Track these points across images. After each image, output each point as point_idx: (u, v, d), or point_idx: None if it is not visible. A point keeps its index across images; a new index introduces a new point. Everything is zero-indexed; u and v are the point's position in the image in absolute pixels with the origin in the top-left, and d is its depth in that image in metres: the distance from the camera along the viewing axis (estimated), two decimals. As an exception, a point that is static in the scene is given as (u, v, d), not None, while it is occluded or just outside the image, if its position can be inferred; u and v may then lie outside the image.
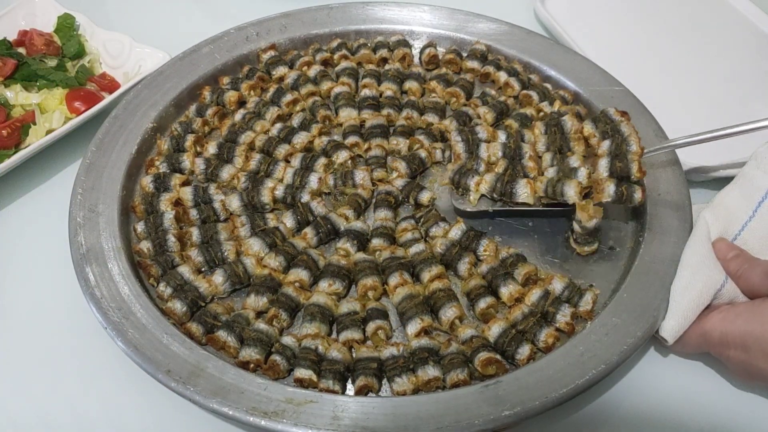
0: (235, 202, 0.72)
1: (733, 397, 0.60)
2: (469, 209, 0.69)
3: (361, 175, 0.73)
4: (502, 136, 0.74)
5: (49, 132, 0.80)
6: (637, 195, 0.64)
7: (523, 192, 0.66)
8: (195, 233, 0.69)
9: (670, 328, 0.59)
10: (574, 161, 0.69)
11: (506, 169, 0.70)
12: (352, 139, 0.79)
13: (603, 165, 0.66)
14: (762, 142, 0.67)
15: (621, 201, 0.63)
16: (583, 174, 0.66)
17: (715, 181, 0.77)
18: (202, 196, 0.73)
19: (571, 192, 0.64)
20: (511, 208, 0.69)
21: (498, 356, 0.58)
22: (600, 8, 1.03)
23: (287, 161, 0.77)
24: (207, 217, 0.71)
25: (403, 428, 0.52)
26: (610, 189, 0.63)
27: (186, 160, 0.76)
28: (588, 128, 0.72)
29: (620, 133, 0.69)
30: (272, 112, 0.82)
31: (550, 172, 0.69)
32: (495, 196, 0.68)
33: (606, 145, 0.68)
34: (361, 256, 0.67)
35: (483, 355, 0.57)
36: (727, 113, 0.84)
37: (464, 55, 0.89)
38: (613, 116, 0.71)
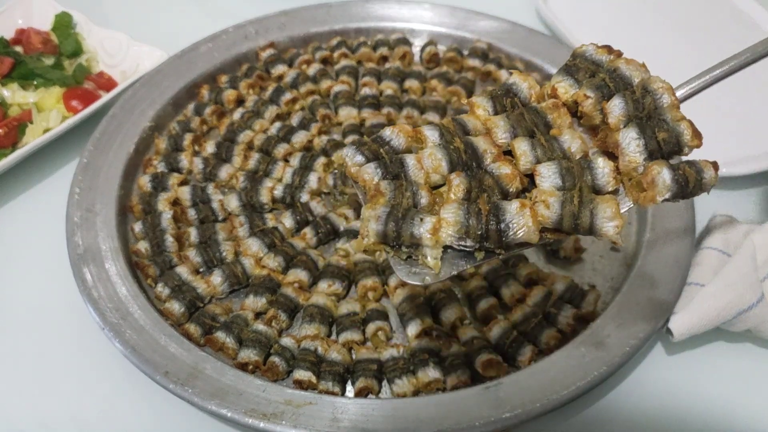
0: (233, 202, 0.71)
1: (737, 397, 0.60)
2: (434, 280, 0.41)
3: (360, 175, 0.72)
4: (431, 134, 0.45)
5: (46, 131, 0.79)
6: (709, 173, 0.41)
7: (521, 224, 0.40)
8: (193, 233, 0.68)
9: (681, 325, 0.58)
10: (569, 142, 0.43)
11: (468, 188, 0.42)
12: (352, 138, 0.78)
13: (631, 141, 0.41)
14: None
15: (686, 192, 0.40)
16: (605, 171, 0.42)
17: (723, 180, 0.76)
18: (201, 196, 0.72)
19: (608, 227, 0.40)
20: (497, 257, 0.42)
21: (499, 358, 0.57)
22: (602, 6, 1.02)
23: (286, 160, 0.77)
24: (205, 217, 0.71)
25: (403, 430, 0.51)
26: (664, 176, 0.40)
27: (184, 160, 0.75)
28: (564, 86, 0.45)
29: (625, 79, 0.44)
30: (271, 110, 0.81)
31: (548, 176, 0.42)
32: (469, 243, 0.40)
33: (618, 105, 0.42)
34: (360, 256, 0.67)
35: (484, 357, 0.57)
36: (731, 114, 0.84)
37: (465, 53, 0.89)
38: (596, 57, 0.46)
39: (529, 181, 0.43)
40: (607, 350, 0.56)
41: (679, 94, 0.45)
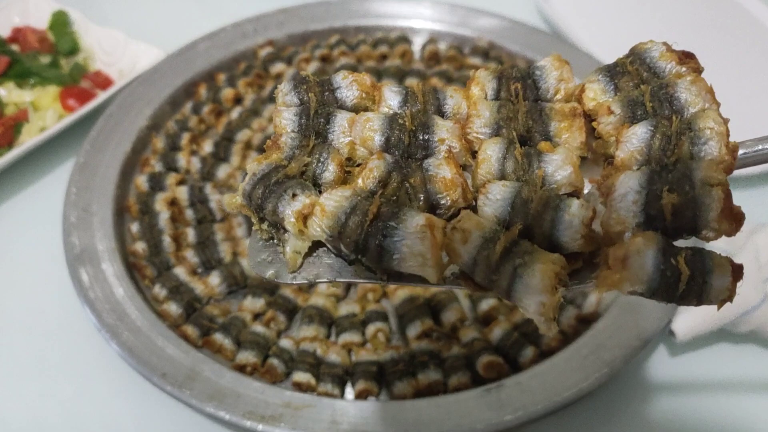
0: (231, 202, 0.70)
1: (741, 399, 0.59)
2: (283, 279, 0.33)
3: (360, 174, 0.72)
4: (391, 97, 0.35)
5: (42, 130, 0.79)
6: (721, 281, 0.28)
7: (414, 250, 0.29)
8: (191, 234, 0.68)
9: (685, 326, 0.58)
10: (555, 166, 0.32)
11: (384, 179, 0.32)
12: (351, 137, 0.77)
13: (628, 192, 0.29)
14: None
15: (672, 294, 0.28)
16: (573, 222, 0.29)
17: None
18: (198, 196, 0.72)
19: (529, 302, 0.28)
20: (377, 281, 0.32)
21: (500, 359, 0.57)
22: (604, 4, 1.01)
23: (285, 160, 0.76)
24: (203, 218, 0.70)
25: (403, 433, 0.51)
26: (646, 259, 0.27)
27: (182, 159, 0.75)
28: (596, 89, 0.34)
29: (675, 104, 0.32)
30: (270, 109, 0.80)
31: (495, 200, 0.31)
32: (344, 249, 0.31)
33: (639, 136, 0.31)
34: (360, 256, 0.66)
35: (485, 359, 0.56)
36: (734, 114, 0.83)
37: (465, 51, 0.88)
38: (658, 62, 0.34)
39: None
40: (610, 351, 0.55)
41: (744, 153, 0.31)
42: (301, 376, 0.56)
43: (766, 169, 0.74)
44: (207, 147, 0.76)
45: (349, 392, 0.57)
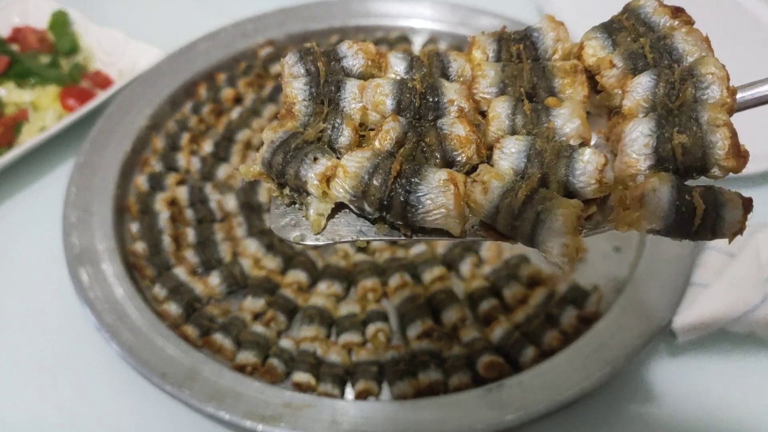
0: (231, 202, 0.70)
1: (742, 399, 0.59)
2: (308, 241, 0.34)
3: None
4: (397, 63, 0.37)
5: (42, 130, 0.78)
6: (733, 213, 0.29)
7: (438, 203, 0.31)
8: (191, 234, 0.68)
9: (685, 325, 0.58)
10: (564, 119, 0.33)
11: (401, 140, 0.33)
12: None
13: (639, 137, 0.31)
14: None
15: (688, 229, 0.29)
16: (587, 168, 0.30)
17: (725, 180, 0.76)
18: (198, 196, 0.72)
19: (552, 243, 0.29)
20: (401, 237, 0.33)
21: (501, 359, 0.57)
22: (605, 3, 1.01)
23: (285, 159, 0.76)
24: (203, 218, 0.70)
25: (403, 433, 0.50)
26: (661, 196, 0.29)
27: (181, 159, 0.75)
28: (595, 45, 0.36)
29: (674, 54, 0.33)
30: (269, 109, 0.80)
31: (510, 153, 0.32)
32: (368, 208, 0.32)
33: (643, 85, 0.32)
34: (360, 257, 0.66)
35: (486, 359, 0.56)
36: (737, 114, 0.83)
37: (466, 51, 0.88)
38: (652, 17, 0.35)
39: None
40: (611, 350, 0.55)
41: (742, 96, 0.32)
42: (302, 376, 0.56)
43: (767, 169, 0.73)
44: (207, 147, 0.76)
45: (350, 392, 0.57)
